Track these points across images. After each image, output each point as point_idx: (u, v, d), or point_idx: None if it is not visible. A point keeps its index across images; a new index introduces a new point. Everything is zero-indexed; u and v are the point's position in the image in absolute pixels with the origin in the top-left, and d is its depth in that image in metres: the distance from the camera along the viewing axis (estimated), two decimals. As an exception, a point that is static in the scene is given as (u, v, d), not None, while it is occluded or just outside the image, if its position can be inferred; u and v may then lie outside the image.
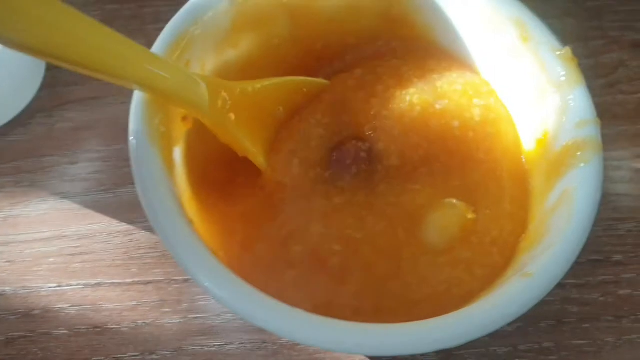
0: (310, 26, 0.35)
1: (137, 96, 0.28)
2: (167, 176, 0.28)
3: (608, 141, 0.39)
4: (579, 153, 0.29)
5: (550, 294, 0.26)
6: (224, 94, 0.30)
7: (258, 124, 0.32)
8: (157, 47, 0.31)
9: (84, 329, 0.33)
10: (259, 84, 0.32)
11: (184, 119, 0.31)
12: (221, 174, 0.33)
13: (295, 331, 0.25)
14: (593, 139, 0.29)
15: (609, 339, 0.33)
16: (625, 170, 0.38)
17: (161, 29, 0.42)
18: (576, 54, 0.42)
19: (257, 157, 0.31)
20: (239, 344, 0.32)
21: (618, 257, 0.35)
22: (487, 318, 0.25)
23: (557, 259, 0.27)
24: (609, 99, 0.41)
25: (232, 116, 0.30)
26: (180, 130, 0.31)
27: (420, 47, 0.35)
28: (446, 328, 0.25)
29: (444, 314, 0.26)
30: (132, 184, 0.28)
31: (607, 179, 0.38)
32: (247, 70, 0.34)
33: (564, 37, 0.43)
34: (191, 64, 0.32)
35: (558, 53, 0.32)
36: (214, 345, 0.32)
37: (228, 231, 0.31)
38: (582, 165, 0.29)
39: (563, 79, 0.31)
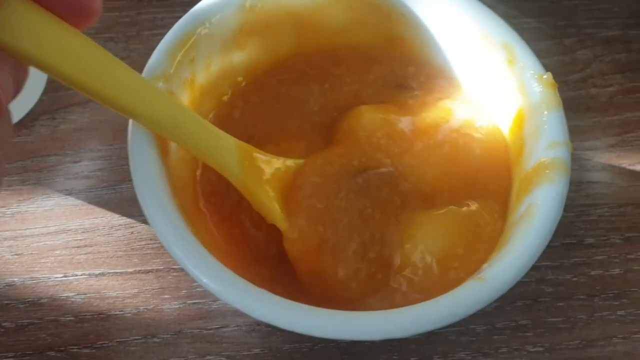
0: (316, 36, 0.36)
1: None
2: (161, 160, 0.29)
3: (582, 132, 0.41)
4: (547, 171, 0.30)
5: (526, 275, 0.28)
6: (259, 162, 0.30)
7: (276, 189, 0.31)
8: (164, 43, 0.32)
9: (89, 315, 0.34)
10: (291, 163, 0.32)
11: None
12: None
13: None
14: (562, 160, 0.30)
15: (581, 316, 0.35)
16: (597, 159, 0.40)
17: (157, 35, 0.44)
18: (552, 50, 0.44)
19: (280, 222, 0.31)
20: (234, 326, 0.34)
21: (590, 240, 0.37)
22: (436, 314, 0.27)
23: (510, 267, 0.28)
24: (583, 92, 0.42)
25: (268, 189, 0.30)
26: None
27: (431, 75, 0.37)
28: (396, 320, 0.27)
29: None
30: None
31: (580, 168, 0.39)
32: (252, 71, 0.35)
33: (541, 35, 0.45)
34: (196, 61, 0.33)
35: (539, 77, 0.32)
36: (212, 328, 0.34)
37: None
38: (548, 184, 0.30)
39: (541, 102, 0.32)
